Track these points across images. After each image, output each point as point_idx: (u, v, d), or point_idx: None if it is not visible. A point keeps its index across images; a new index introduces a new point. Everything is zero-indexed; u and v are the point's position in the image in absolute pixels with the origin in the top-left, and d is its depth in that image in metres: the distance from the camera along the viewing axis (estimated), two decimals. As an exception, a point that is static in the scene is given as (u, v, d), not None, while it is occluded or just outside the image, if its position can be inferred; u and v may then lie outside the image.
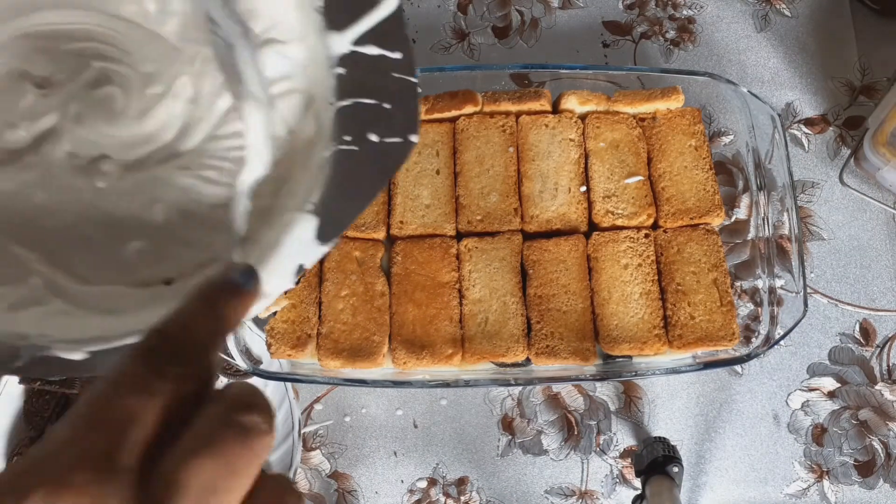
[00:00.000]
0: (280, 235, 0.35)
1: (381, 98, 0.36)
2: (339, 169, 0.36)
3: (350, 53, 0.36)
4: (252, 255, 0.36)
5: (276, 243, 0.35)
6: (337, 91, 0.37)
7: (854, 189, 0.74)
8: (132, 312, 0.35)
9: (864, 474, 0.68)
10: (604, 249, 0.64)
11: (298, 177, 0.38)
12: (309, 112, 0.39)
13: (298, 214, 0.35)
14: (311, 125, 0.38)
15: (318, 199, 0.36)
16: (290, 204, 0.37)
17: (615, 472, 0.68)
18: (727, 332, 0.61)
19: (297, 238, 0.35)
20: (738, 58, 0.81)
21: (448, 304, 0.63)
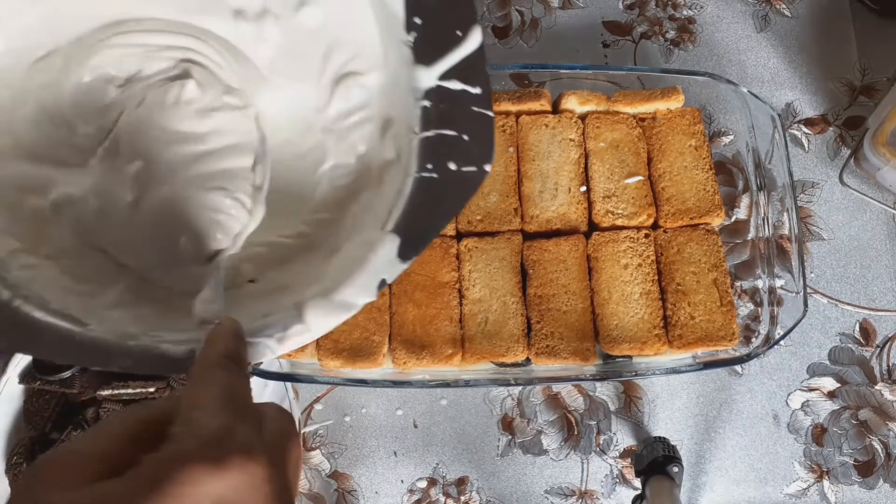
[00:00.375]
0: (365, 253, 0.38)
1: (460, 130, 0.39)
2: (420, 194, 0.39)
3: (435, 87, 0.39)
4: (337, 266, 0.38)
5: (362, 260, 0.37)
6: (422, 122, 0.39)
7: (854, 189, 0.74)
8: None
9: (864, 474, 0.68)
10: (604, 249, 0.64)
11: (372, 197, 0.40)
12: (387, 137, 0.41)
13: (383, 234, 0.38)
14: (391, 150, 0.41)
15: (401, 221, 0.38)
16: (367, 221, 0.39)
17: (615, 472, 0.68)
18: (727, 332, 0.61)
19: (382, 256, 0.38)
20: (738, 58, 0.81)
21: (448, 303, 0.63)
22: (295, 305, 0.37)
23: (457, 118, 0.39)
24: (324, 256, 0.39)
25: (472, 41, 0.38)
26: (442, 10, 0.38)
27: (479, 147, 0.39)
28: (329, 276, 0.38)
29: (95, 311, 0.35)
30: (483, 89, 0.39)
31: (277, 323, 0.36)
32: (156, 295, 0.38)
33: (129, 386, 0.64)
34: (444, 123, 0.39)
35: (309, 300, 0.37)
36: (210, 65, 0.40)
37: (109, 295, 0.36)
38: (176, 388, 0.65)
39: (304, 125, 0.42)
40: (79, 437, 0.29)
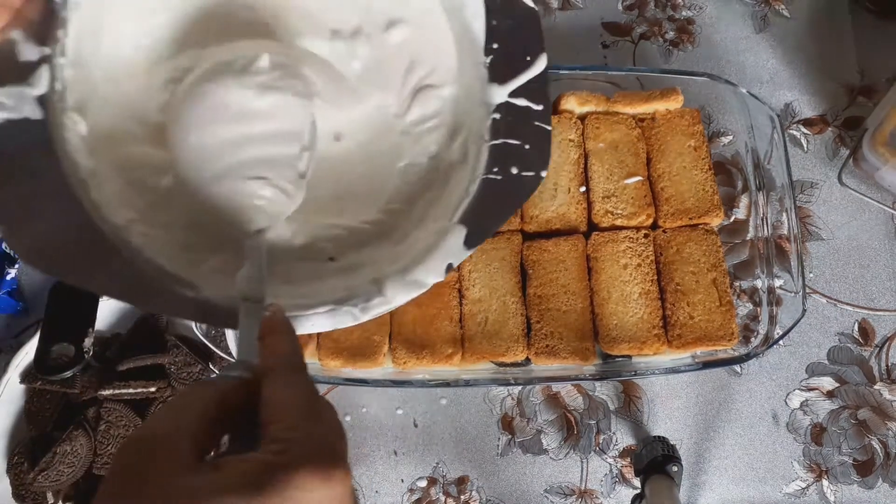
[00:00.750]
0: (436, 240, 0.44)
1: (523, 140, 0.45)
2: (485, 192, 0.45)
3: (505, 103, 0.45)
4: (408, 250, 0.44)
5: (434, 246, 0.43)
6: (491, 131, 0.45)
7: (853, 189, 0.74)
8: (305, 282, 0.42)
9: (863, 474, 0.68)
10: (603, 249, 0.64)
11: (439, 193, 0.46)
12: (455, 141, 0.47)
13: (453, 225, 0.44)
14: (458, 153, 0.47)
15: (467, 214, 0.44)
16: (434, 213, 0.45)
17: (614, 471, 0.68)
18: (726, 331, 0.61)
19: (450, 243, 0.43)
20: (737, 58, 0.81)
21: (448, 303, 0.63)
22: (374, 281, 0.42)
23: (521, 130, 0.45)
24: (395, 241, 0.45)
25: (538, 65, 0.45)
26: (516, 38, 0.45)
27: (538, 155, 0.45)
28: (402, 259, 0.44)
29: (202, 276, 0.39)
30: (545, 106, 0.45)
31: (360, 295, 0.42)
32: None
33: (131, 386, 0.64)
34: (510, 134, 0.45)
35: (388, 277, 0.42)
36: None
37: (212, 262, 0.41)
38: (176, 387, 0.65)
39: (384, 128, 0.48)
40: (167, 415, 0.30)
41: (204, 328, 0.61)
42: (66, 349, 0.52)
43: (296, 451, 0.28)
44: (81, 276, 0.36)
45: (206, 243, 0.42)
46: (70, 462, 0.62)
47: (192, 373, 0.66)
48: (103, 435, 0.63)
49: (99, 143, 0.39)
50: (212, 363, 0.67)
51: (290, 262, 0.44)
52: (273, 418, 0.29)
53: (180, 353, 0.66)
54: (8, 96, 0.35)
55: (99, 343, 0.67)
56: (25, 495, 0.63)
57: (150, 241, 0.39)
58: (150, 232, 0.39)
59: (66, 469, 0.62)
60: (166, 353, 0.66)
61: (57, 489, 0.63)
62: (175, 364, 0.66)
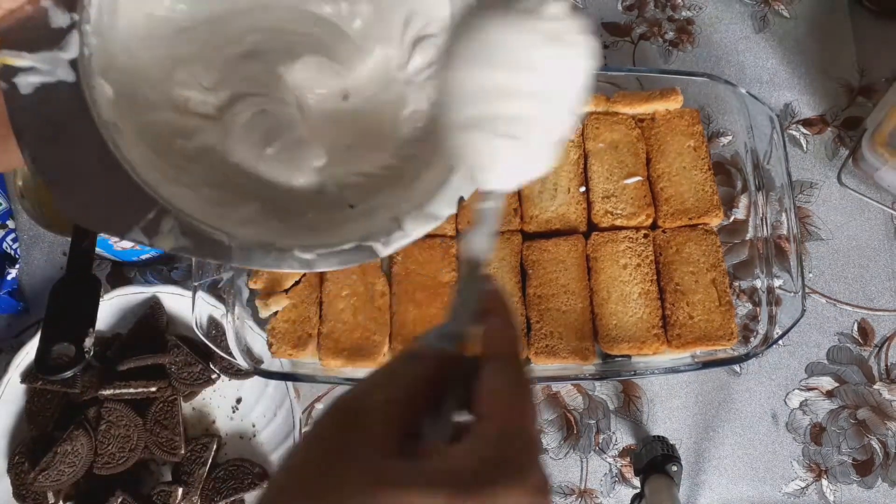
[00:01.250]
0: (446, 176, 0.45)
1: None
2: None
3: None
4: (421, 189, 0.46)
5: (444, 181, 0.45)
6: None
7: (852, 189, 0.74)
8: (328, 229, 0.45)
9: (863, 473, 0.68)
10: (603, 249, 0.64)
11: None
12: None
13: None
14: None
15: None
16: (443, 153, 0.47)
17: (614, 470, 0.68)
18: (726, 331, 0.61)
19: (460, 176, 0.45)
20: (737, 59, 0.81)
21: (448, 303, 0.63)
22: (392, 219, 0.45)
23: None
24: (407, 183, 0.48)
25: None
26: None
27: None
28: (416, 197, 0.46)
29: (229, 228, 0.42)
30: None
31: (380, 231, 0.44)
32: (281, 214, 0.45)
33: (131, 386, 0.64)
34: None
35: (405, 213, 0.45)
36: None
37: (240, 215, 0.43)
38: (177, 386, 0.66)
39: (388, 80, 0.51)
40: (377, 388, 0.29)
41: (204, 328, 0.61)
42: (67, 349, 0.52)
43: (509, 460, 0.26)
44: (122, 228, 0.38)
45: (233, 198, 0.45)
46: (71, 462, 0.62)
47: (192, 373, 0.66)
48: (104, 435, 0.63)
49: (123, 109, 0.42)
50: (212, 363, 0.67)
51: (314, 212, 0.47)
52: (492, 415, 0.28)
53: (181, 353, 0.66)
54: (43, 61, 0.37)
55: (99, 343, 0.67)
56: (26, 495, 0.63)
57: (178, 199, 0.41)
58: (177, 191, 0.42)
59: (66, 469, 0.62)
60: (167, 353, 0.66)
61: (58, 489, 0.63)
62: (175, 364, 0.66)
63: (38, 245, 0.74)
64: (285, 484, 0.27)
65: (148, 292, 0.69)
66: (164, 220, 0.40)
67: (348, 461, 0.26)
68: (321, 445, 0.27)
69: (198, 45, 0.48)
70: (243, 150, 0.47)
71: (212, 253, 0.41)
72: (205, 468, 0.64)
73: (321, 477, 0.26)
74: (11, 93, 0.35)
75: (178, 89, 0.47)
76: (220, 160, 0.47)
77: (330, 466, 0.26)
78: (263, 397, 0.68)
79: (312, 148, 0.49)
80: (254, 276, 0.63)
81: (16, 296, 0.71)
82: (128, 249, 0.68)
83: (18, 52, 0.36)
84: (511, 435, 0.27)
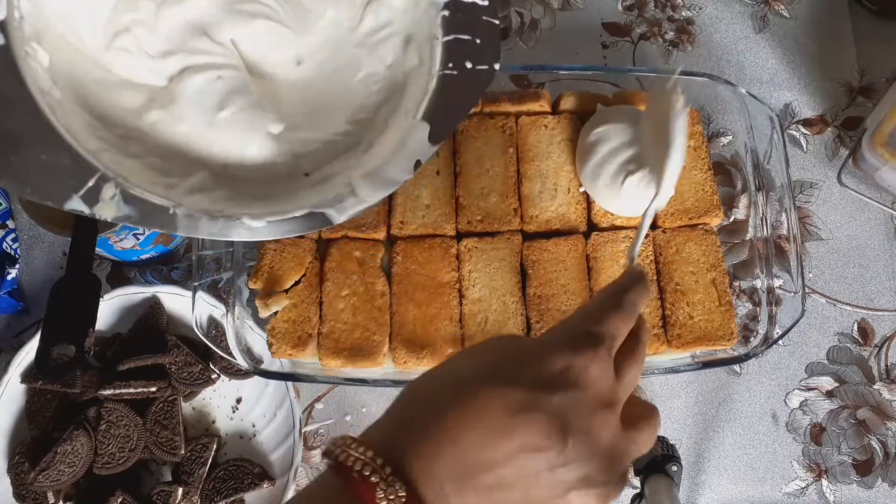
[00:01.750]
0: (404, 138, 0.46)
1: (473, 35, 0.48)
2: (443, 88, 0.47)
3: (453, 0, 0.47)
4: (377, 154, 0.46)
5: (401, 144, 0.45)
6: (443, 29, 0.47)
7: (852, 189, 0.74)
8: (282, 198, 0.45)
9: (863, 473, 0.68)
10: (603, 249, 0.64)
11: (400, 98, 0.49)
12: (409, 48, 0.49)
13: (415, 122, 0.46)
14: (415, 58, 0.49)
15: (429, 112, 0.46)
16: (397, 119, 0.48)
17: (614, 471, 0.68)
18: (725, 331, 0.61)
19: (416, 139, 0.45)
20: (737, 59, 0.81)
21: (448, 303, 0.63)
22: (346, 185, 0.45)
23: (470, 25, 0.48)
24: (364, 149, 0.48)
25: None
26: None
27: (489, 49, 0.48)
28: (372, 162, 0.46)
29: (176, 197, 0.41)
30: (490, 2, 0.48)
31: (334, 199, 0.44)
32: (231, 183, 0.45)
33: (131, 386, 0.64)
34: (461, 30, 0.48)
35: (359, 179, 0.45)
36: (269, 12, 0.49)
37: (188, 184, 0.43)
38: (177, 386, 0.66)
39: (341, 43, 0.51)
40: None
41: (204, 328, 0.61)
42: (67, 349, 0.52)
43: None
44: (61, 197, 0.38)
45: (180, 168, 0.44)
46: (71, 462, 0.62)
47: (192, 373, 0.66)
48: (104, 435, 0.63)
49: (60, 78, 0.41)
50: (212, 363, 0.67)
51: (267, 182, 0.47)
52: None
53: (180, 353, 0.66)
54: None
55: (99, 343, 0.68)
56: (26, 495, 0.63)
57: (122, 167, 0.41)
58: (121, 160, 0.41)
59: (66, 469, 0.62)
60: (166, 353, 0.66)
61: (57, 489, 0.63)
62: (175, 364, 0.66)
63: (38, 245, 0.74)
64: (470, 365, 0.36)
65: (148, 292, 0.69)
66: (105, 188, 0.39)
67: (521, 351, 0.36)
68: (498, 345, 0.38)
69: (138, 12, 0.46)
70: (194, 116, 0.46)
71: (157, 222, 0.41)
72: (205, 468, 0.64)
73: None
74: None
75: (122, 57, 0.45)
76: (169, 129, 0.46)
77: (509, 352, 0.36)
78: (263, 397, 0.68)
79: (268, 114, 0.48)
80: (254, 276, 0.63)
81: (16, 296, 0.71)
82: (128, 249, 0.68)
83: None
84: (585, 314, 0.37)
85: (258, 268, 0.63)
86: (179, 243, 0.74)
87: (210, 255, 0.62)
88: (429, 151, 0.46)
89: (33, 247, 0.74)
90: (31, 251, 0.74)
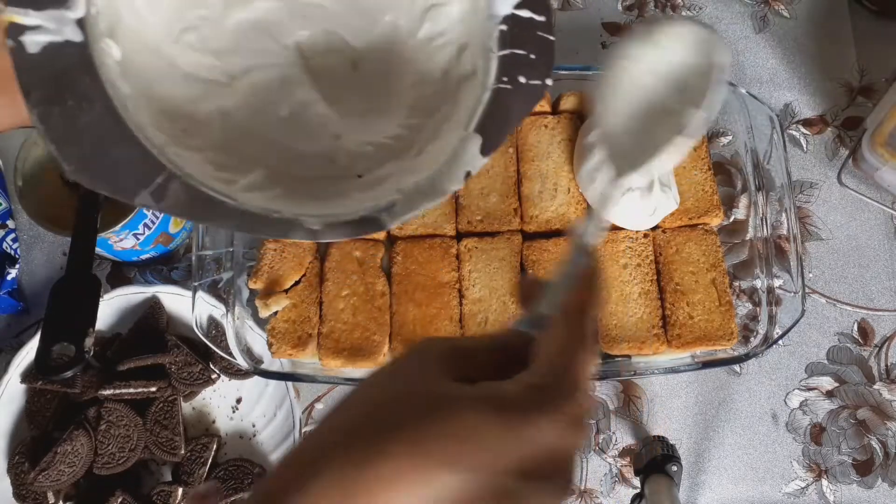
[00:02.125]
0: (453, 149, 0.46)
1: (529, 50, 0.48)
2: (496, 101, 0.47)
3: (510, 15, 0.47)
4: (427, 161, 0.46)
5: (452, 155, 0.46)
6: (499, 43, 0.48)
7: (852, 189, 0.74)
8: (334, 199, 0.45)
9: (863, 473, 0.68)
10: (603, 249, 0.64)
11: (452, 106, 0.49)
12: (463, 56, 0.50)
13: (468, 134, 0.46)
14: (468, 67, 0.49)
15: (481, 123, 0.47)
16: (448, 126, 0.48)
17: (614, 470, 0.68)
18: (725, 331, 0.61)
19: (467, 151, 0.46)
20: (737, 59, 0.81)
21: (448, 303, 0.63)
22: (398, 191, 0.45)
23: (526, 40, 0.48)
24: (414, 154, 0.48)
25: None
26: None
27: (543, 64, 0.48)
28: (422, 170, 0.46)
29: (234, 194, 0.42)
30: (546, 17, 0.48)
31: (387, 204, 0.44)
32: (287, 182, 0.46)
33: (131, 385, 0.64)
34: (516, 44, 0.47)
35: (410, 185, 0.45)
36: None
37: (246, 181, 0.44)
38: (177, 386, 0.66)
39: (397, 48, 0.51)
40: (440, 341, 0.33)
41: (204, 328, 0.61)
42: (67, 349, 0.52)
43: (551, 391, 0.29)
44: (131, 192, 0.38)
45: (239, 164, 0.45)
46: (71, 462, 0.62)
47: (192, 373, 0.66)
48: (104, 435, 0.63)
49: (130, 72, 0.41)
50: (212, 363, 0.67)
51: (321, 181, 0.47)
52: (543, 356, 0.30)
53: (181, 353, 0.66)
54: (49, 19, 0.36)
55: (99, 343, 0.67)
56: (26, 495, 0.63)
57: (185, 162, 0.41)
58: (185, 154, 0.42)
59: (66, 469, 0.62)
60: (167, 353, 0.66)
61: (57, 489, 0.63)
62: (175, 364, 0.66)
63: (38, 245, 0.74)
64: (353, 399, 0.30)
65: (148, 292, 0.69)
66: (171, 185, 0.39)
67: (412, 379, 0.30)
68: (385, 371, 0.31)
69: (206, 9, 0.47)
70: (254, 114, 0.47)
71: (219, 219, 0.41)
72: (205, 468, 0.64)
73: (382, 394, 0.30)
74: (18, 51, 0.35)
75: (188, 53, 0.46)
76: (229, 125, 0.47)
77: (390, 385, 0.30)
78: (263, 397, 0.68)
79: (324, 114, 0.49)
80: (254, 276, 0.63)
81: (16, 296, 0.71)
82: (128, 249, 0.68)
83: (24, 9, 0.35)
84: (557, 372, 0.30)
85: (258, 268, 0.63)
86: (179, 243, 0.74)
87: (210, 255, 0.62)
88: (479, 163, 0.46)
89: (33, 247, 0.74)
90: (31, 251, 0.74)
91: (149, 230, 0.67)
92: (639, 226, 0.64)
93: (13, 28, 0.34)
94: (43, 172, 0.65)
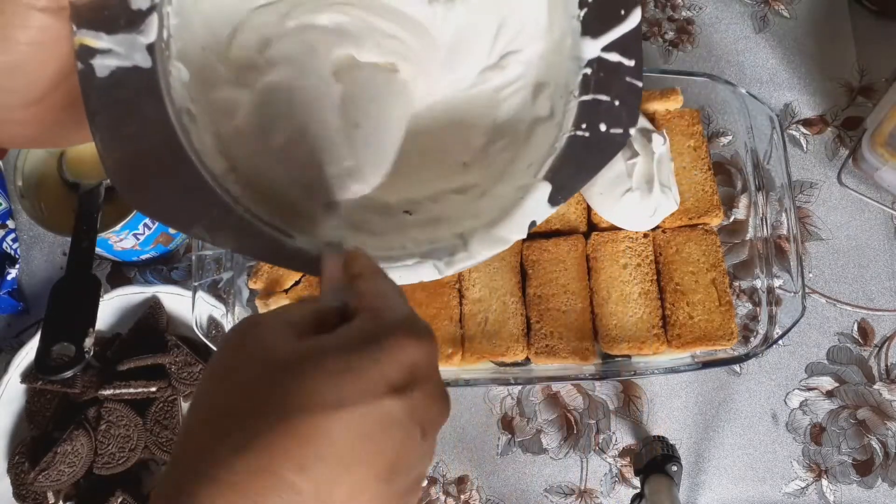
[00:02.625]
0: (520, 196, 0.43)
1: (613, 96, 0.44)
2: (571, 149, 0.44)
3: (597, 58, 0.44)
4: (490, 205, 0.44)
5: (517, 202, 0.43)
6: (581, 86, 0.44)
7: (852, 189, 0.74)
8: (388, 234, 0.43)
9: (863, 473, 0.68)
10: (603, 249, 0.64)
11: (520, 149, 0.46)
12: (539, 98, 0.47)
13: (537, 181, 0.44)
14: (544, 109, 0.46)
15: (552, 171, 0.44)
16: (515, 170, 0.45)
17: (614, 470, 0.68)
18: (725, 331, 0.61)
19: (535, 199, 0.43)
20: (737, 59, 0.81)
21: (448, 303, 0.63)
22: (458, 236, 0.43)
23: (612, 86, 0.44)
24: (473, 197, 0.45)
25: (632, 20, 0.43)
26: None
27: (627, 112, 0.44)
28: (484, 214, 0.44)
29: (296, 226, 0.40)
30: (636, 62, 0.44)
31: (443, 249, 0.42)
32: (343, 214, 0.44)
33: (131, 385, 0.64)
34: (600, 89, 0.44)
35: (473, 232, 0.43)
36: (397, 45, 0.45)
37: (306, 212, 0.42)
38: (177, 386, 0.66)
39: (468, 94, 0.47)
40: (271, 311, 0.33)
41: (204, 328, 0.61)
42: (67, 349, 0.52)
43: (387, 317, 0.31)
44: (186, 223, 0.38)
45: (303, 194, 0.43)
46: (71, 462, 0.62)
47: (192, 373, 0.66)
48: (104, 435, 0.63)
49: (195, 90, 0.40)
50: (212, 363, 0.67)
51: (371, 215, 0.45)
52: (365, 293, 0.32)
53: (180, 353, 0.66)
54: (120, 44, 0.35)
55: (99, 343, 0.68)
56: (26, 495, 0.63)
57: (248, 192, 0.40)
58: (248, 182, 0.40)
59: (66, 469, 0.62)
60: (166, 353, 0.66)
61: (57, 489, 0.63)
62: (175, 364, 0.66)
63: (38, 245, 0.74)
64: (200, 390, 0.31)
65: (148, 292, 0.69)
66: (228, 217, 0.38)
67: (249, 347, 0.30)
68: (224, 351, 0.31)
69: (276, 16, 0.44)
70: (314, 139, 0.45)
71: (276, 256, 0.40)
72: (205, 468, 0.64)
73: (227, 371, 0.30)
74: (87, 74, 0.34)
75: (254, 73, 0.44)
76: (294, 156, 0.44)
77: (234, 359, 0.30)
78: (263, 397, 0.68)
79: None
80: (254, 276, 0.63)
81: (16, 296, 0.71)
82: (128, 249, 0.68)
83: (97, 32, 0.34)
84: (386, 300, 0.32)
85: (258, 268, 0.63)
86: (179, 243, 0.74)
87: (210, 256, 0.62)
88: (546, 213, 0.44)
89: (33, 247, 0.74)
90: (31, 251, 0.74)
91: (149, 230, 0.67)
92: (639, 227, 0.64)
93: (83, 50, 0.33)
94: (43, 172, 0.65)
